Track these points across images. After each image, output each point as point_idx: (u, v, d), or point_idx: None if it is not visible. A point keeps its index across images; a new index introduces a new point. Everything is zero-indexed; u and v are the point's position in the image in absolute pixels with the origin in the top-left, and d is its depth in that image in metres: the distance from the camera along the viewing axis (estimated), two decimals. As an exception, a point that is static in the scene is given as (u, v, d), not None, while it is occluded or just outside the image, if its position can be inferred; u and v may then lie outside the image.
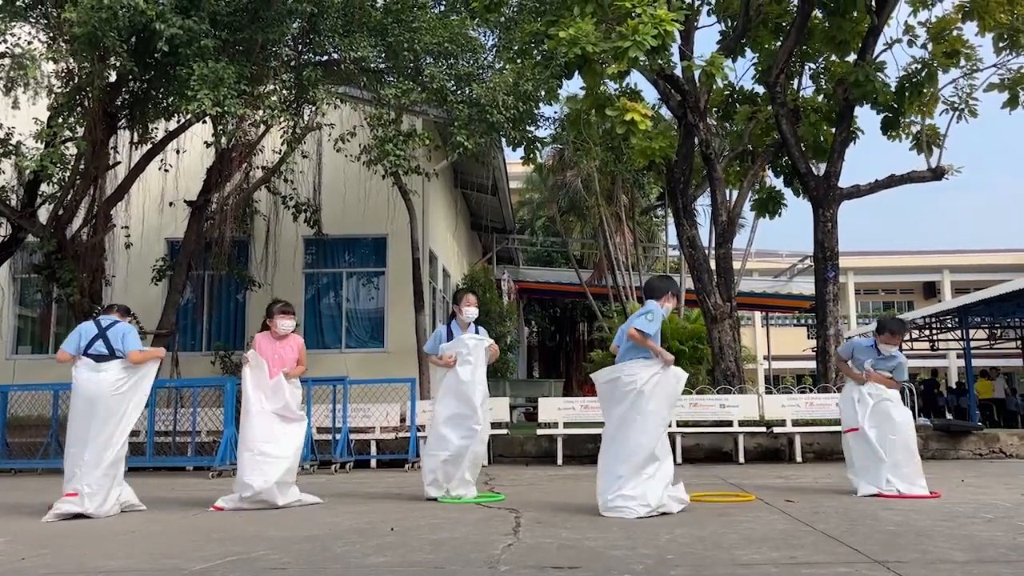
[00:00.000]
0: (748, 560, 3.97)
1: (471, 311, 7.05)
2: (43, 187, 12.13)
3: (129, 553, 4.48)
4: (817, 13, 13.07)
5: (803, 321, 33.52)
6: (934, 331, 21.70)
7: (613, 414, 6.04)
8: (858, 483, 6.91)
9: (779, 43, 13.26)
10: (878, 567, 3.75)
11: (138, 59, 10.05)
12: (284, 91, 11.19)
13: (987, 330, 22.44)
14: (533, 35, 11.30)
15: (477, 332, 7.10)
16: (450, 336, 7.01)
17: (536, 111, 11.51)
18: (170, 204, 13.16)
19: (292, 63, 11.39)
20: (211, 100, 9.27)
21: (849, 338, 9.26)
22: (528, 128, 11.62)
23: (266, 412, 6.60)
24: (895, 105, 12.84)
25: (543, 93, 11.14)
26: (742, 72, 15.73)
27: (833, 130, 13.31)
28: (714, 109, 14.28)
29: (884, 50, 12.96)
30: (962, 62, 12.69)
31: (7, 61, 10.16)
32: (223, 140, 10.45)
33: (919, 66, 12.85)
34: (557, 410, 11.16)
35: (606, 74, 10.53)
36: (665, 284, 6.50)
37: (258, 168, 13.29)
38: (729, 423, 10.72)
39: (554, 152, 23.15)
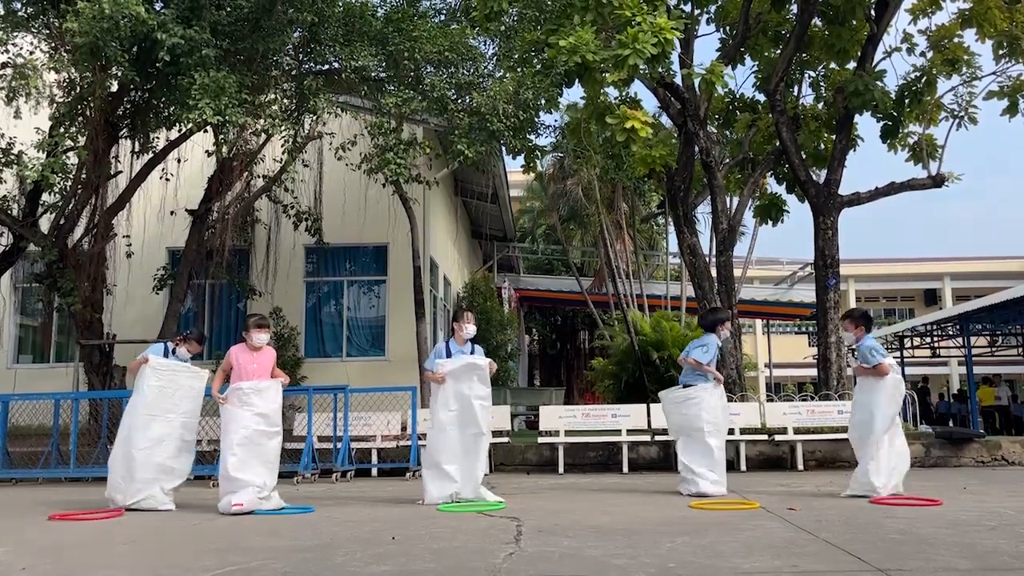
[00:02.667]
0: (750, 568, 3.95)
1: (470, 328, 7.36)
2: (44, 196, 12.17)
3: (129, 563, 4.47)
4: (816, 21, 13.11)
5: (804, 329, 33.49)
6: (935, 338, 21.70)
7: (679, 423, 7.75)
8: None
9: (779, 51, 13.29)
10: (880, 575, 3.73)
11: (139, 69, 10.09)
12: (285, 100, 11.24)
13: (988, 337, 22.44)
14: (533, 44, 11.33)
15: (473, 350, 7.36)
16: (449, 353, 7.27)
17: (536, 119, 11.54)
18: (171, 213, 13.19)
19: (293, 72, 11.43)
20: (212, 109, 9.30)
21: (851, 346, 9.32)
22: (528, 136, 11.65)
23: (251, 435, 6.82)
24: (895, 113, 12.86)
25: (543, 101, 11.17)
26: (742, 80, 15.86)
27: (833, 138, 13.33)
28: (714, 117, 14.30)
29: (883, 58, 13.01)
30: (963, 70, 12.72)
31: (9, 71, 10.19)
32: (224, 149, 10.48)
33: (919, 74, 12.88)
34: (558, 418, 11.14)
35: (606, 82, 10.56)
36: (714, 316, 8.28)
37: (259, 177, 13.33)
38: (731, 431, 10.66)
39: (554, 160, 23.21)
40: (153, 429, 7.02)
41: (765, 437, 10.74)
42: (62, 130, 10.70)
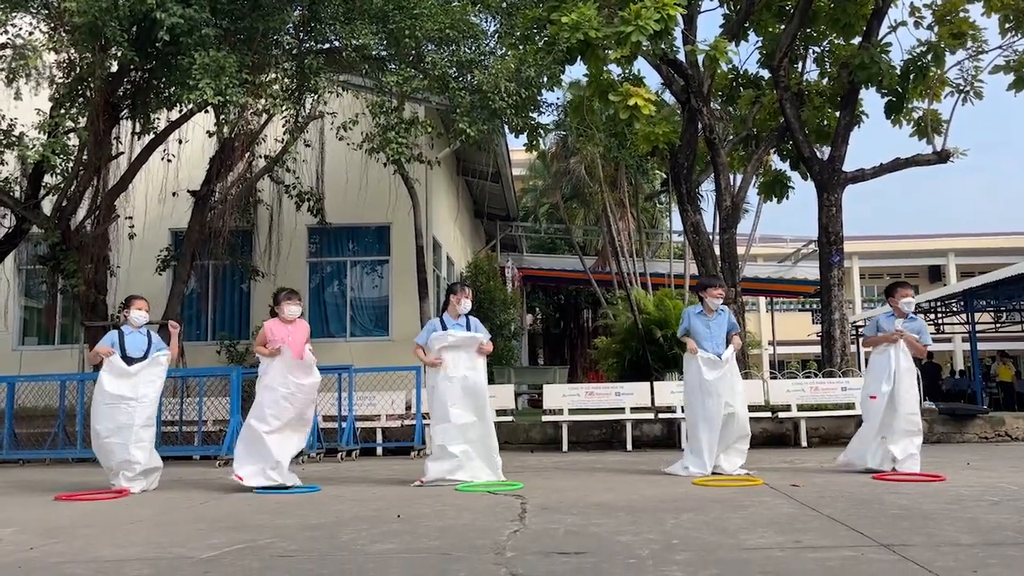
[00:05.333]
0: (754, 544, 3.97)
1: (466, 304, 7.25)
2: (47, 178, 12.14)
3: (137, 541, 4.50)
4: (821, -5, 12.99)
5: (808, 306, 33.50)
6: (939, 315, 21.69)
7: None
8: (847, 453, 7.44)
9: (783, 26, 13.17)
10: (883, 550, 3.75)
11: (139, 49, 10.02)
12: (286, 80, 11.16)
13: (992, 313, 22.42)
14: (535, 21, 11.24)
15: (469, 324, 7.22)
16: (444, 327, 7.14)
17: (539, 97, 11.46)
18: (173, 194, 13.16)
19: (293, 51, 11.35)
20: (213, 89, 9.25)
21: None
22: (531, 115, 11.57)
23: (293, 395, 6.98)
24: (899, 88, 12.76)
25: (545, 79, 11.08)
26: (746, 56, 15.70)
27: (837, 114, 13.25)
28: (718, 94, 14.20)
29: (889, 32, 12.88)
30: (968, 44, 12.60)
31: (8, 52, 10.14)
32: (225, 129, 10.44)
33: (924, 48, 12.76)
34: (562, 397, 11.17)
35: (609, 59, 10.48)
36: (699, 283, 8.41)
37: (260, 157, 13.28)
38: (734, 408, 10.70)
39: (557, 139, 23.07)
40: (114, 419, 6.92)
41: (769, 414, 10.76)
42: (63, 111, 10.65)
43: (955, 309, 20.86)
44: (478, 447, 6.98)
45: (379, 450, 10.95)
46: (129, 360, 7.04)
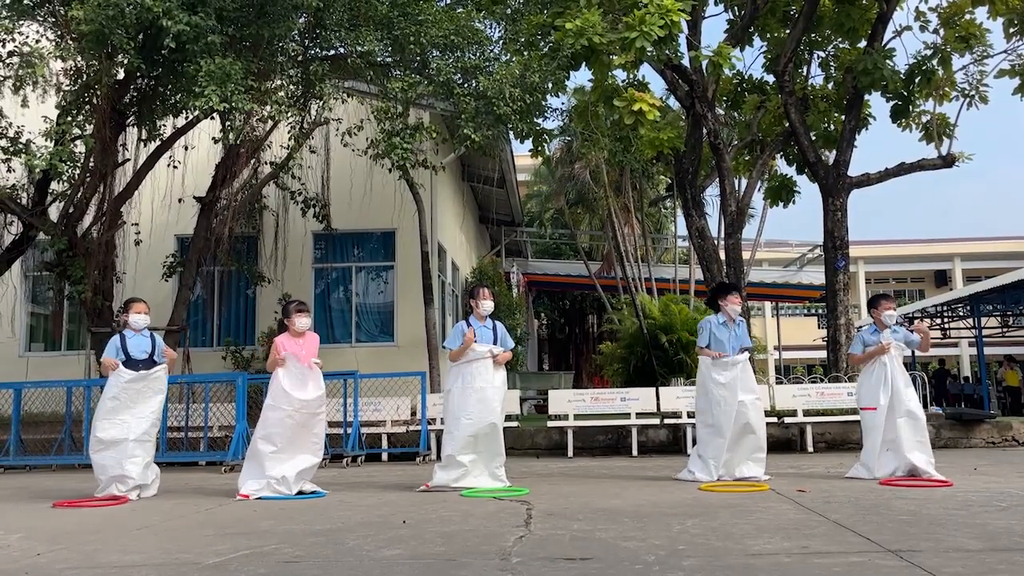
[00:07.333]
0: (760, 550, 3.96)
1: (487, 304, 7.22)
2: (53, 185, 12.19)
3: (143, 548, 4.51)
4: (825, 0, 12.99)
5: (813, 311, 33.46)
6: (946, 319, 21.63)
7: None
8: (858, 467, 7.37)
9: (787, 31, 13.18)
10: (891, 556, 3.73)
11: (145, 56, 10.07)
12: (291, 86, 11.20)
13: (999, 318, 22.36)
14: (539, 27, 11.26)
15: (495, 326, 7.24)
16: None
17: (543, 103, 11.47)
18: (179, 200, 13.21)
19: (299, 58, 11.39)
20: (218, 96, 9.28)
21: (860, 328, 9.30)
22: (535, 120, 11.59)
23: (298, 411, 6.86)
24: (904, 93, 12.75)
25: (550, 85, 11.09)
26: (751, 61, 15.69)
27: (843, 118, 13.24)
28: (722, 98, 14.21)
29: (894, 37, 12.89)
30: (975, 47, 12.59)
31: (15, 59, 10.20)
32: (231, 136, 10.47)
33: (930, 52, 12.75)
34: (567, 402, 11.16)
35: (613, 65, 10.49)
36: (713, 293, 7.94)
37: (266, 164, 13.33)
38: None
39: (562, 144, 23.12)
40: (109, 431, 6.85)
41: (775, 419, 10.73)
42: (69, 119, 10.70)
43: (962, 314, 20.82)
44: (485, 457, 6.99)
45: (384, 455, 10.95)
46: (134, 363, 7.00)
